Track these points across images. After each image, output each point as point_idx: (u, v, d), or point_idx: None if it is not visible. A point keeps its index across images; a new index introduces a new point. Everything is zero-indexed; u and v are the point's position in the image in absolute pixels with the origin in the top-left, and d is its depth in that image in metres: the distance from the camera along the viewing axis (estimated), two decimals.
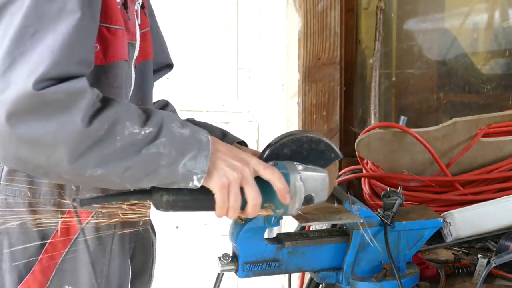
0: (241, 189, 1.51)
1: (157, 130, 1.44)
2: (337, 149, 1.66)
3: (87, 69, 1.45)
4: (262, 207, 1.55)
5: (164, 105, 1.98)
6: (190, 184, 1.46)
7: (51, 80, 1.37)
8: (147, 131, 1.43)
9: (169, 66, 2.04)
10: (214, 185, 1.49)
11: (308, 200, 1.57)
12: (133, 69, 1.70)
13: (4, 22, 1.41)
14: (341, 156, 1.67)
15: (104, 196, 1.57)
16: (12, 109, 1.35)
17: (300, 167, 1.57)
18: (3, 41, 1.40)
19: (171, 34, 2.34)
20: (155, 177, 1.45)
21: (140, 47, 1.72)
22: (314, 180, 1.57)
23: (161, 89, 2.04)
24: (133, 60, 1.70)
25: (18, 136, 1.37)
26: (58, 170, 1.41)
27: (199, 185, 1.47)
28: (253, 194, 1.51)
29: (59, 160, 1.39)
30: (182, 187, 1.47)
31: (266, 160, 1.60)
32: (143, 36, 1.74)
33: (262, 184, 1.53)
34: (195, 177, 1.46)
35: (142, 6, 1.77)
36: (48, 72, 1.37)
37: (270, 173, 1.53)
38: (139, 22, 1.72)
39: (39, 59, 1.38)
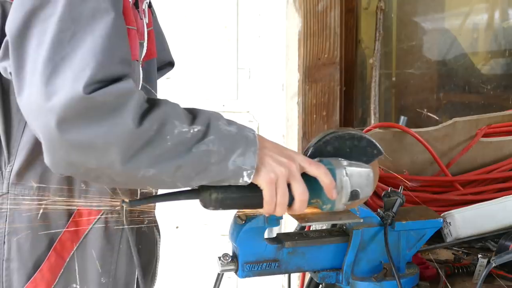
0: (288, 186, 1.51)
1: (205, 128, 1.44)
2: (379, 146, 1.66)
3: (128, 68, 1.44)
4: (309, 203, 1.56)
5: None
6: (240, 180, 1.47)
7: (99, 82, 1.36)
8: (196, 130, 1.44)
9: (170, 64, 2.04)
10: (262, 181, 1.49)
11: (354, 195, 1.58)
12: (140, 68, 1.70)
13: (37, 29, 1.39)
14: (383, 153, 1.67)
15: (153, 196, 1.59)
16: (62, 115, 1.34)
17: (345, 162, 1.58)
18: (40, 49, 1.38)
19: (171, 34, 2.33)
20: (206, 175, 1.45)
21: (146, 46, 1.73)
22: (359, 175, 1.58)
23: (161, 89, 2.04)
24: (141, 59, 1.70)
25: (69, 141, 1.36)
26: (110, 173, 1.41)
27: (249, 181, 1.48)
28: (300, 190, 1.52)
29: (111, 162, 1.38)
30: (232, 184, 1.48)
31: (310, 158, 1.61)
32: (148, 35, 1.74)
33: (309, 180, 1.54)
34: (245, 173, 1.47)
35: (150, 5, 1.76)
36: (94, 75, 1.36)
37: (316, 169, 1.54)
38: (147, 21, 1.72)
39: (82, 62, 1.36)
